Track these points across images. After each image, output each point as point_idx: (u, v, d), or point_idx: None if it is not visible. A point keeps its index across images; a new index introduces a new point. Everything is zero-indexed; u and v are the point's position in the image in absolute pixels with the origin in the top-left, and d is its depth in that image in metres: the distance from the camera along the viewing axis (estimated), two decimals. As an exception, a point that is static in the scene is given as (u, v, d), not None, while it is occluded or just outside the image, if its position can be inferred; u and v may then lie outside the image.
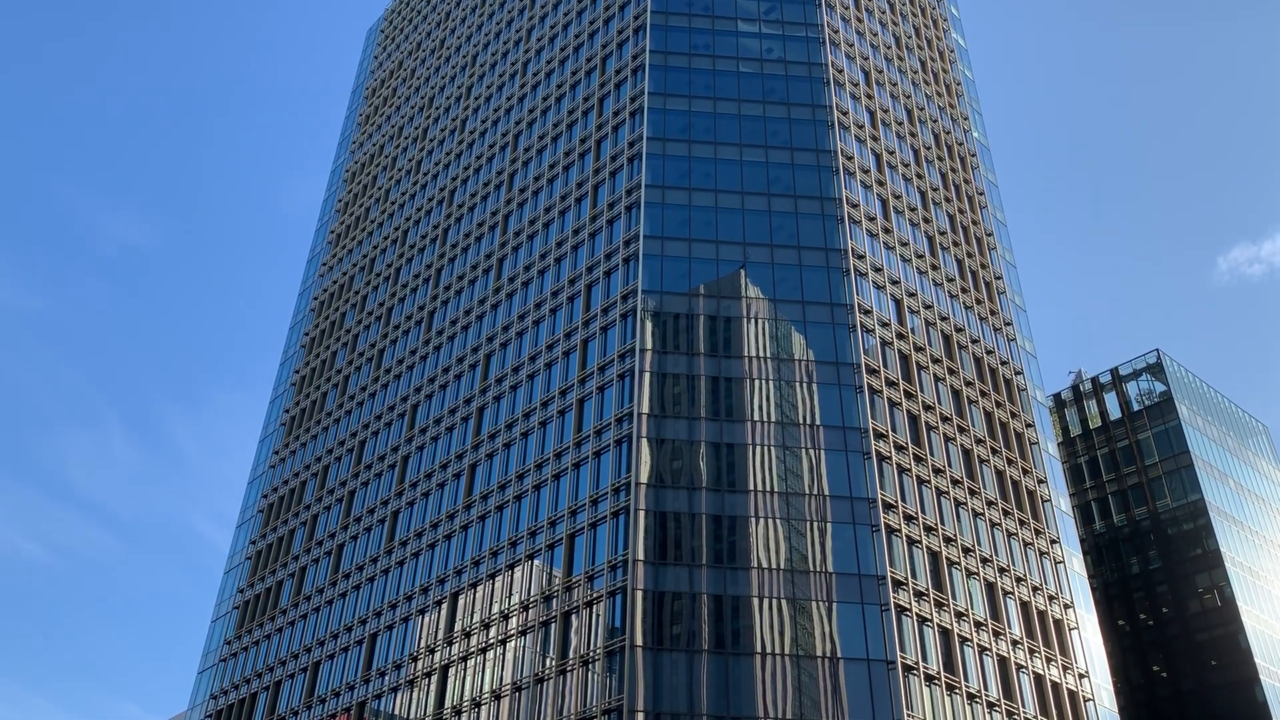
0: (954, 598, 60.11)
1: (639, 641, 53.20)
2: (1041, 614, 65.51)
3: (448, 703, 63.13)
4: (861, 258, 69.60)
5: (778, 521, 57.52)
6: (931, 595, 58.55)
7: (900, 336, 69.10)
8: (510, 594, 63.14)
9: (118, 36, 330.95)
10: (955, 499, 64.97)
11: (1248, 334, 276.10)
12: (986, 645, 60.30)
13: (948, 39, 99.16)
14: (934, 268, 76.83)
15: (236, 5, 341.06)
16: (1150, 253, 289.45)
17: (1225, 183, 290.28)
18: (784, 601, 54.95)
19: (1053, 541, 69.97)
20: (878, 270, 70.58)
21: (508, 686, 59.40)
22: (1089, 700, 64.15)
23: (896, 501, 60.09)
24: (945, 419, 68.43)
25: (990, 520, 66.47)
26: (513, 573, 63.84)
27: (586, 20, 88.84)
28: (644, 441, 59.73)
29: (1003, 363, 77.07)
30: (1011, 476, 70.53)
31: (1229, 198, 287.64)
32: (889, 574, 56.51)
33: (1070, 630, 66.68)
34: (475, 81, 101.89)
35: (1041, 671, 62.46)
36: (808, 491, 58.79)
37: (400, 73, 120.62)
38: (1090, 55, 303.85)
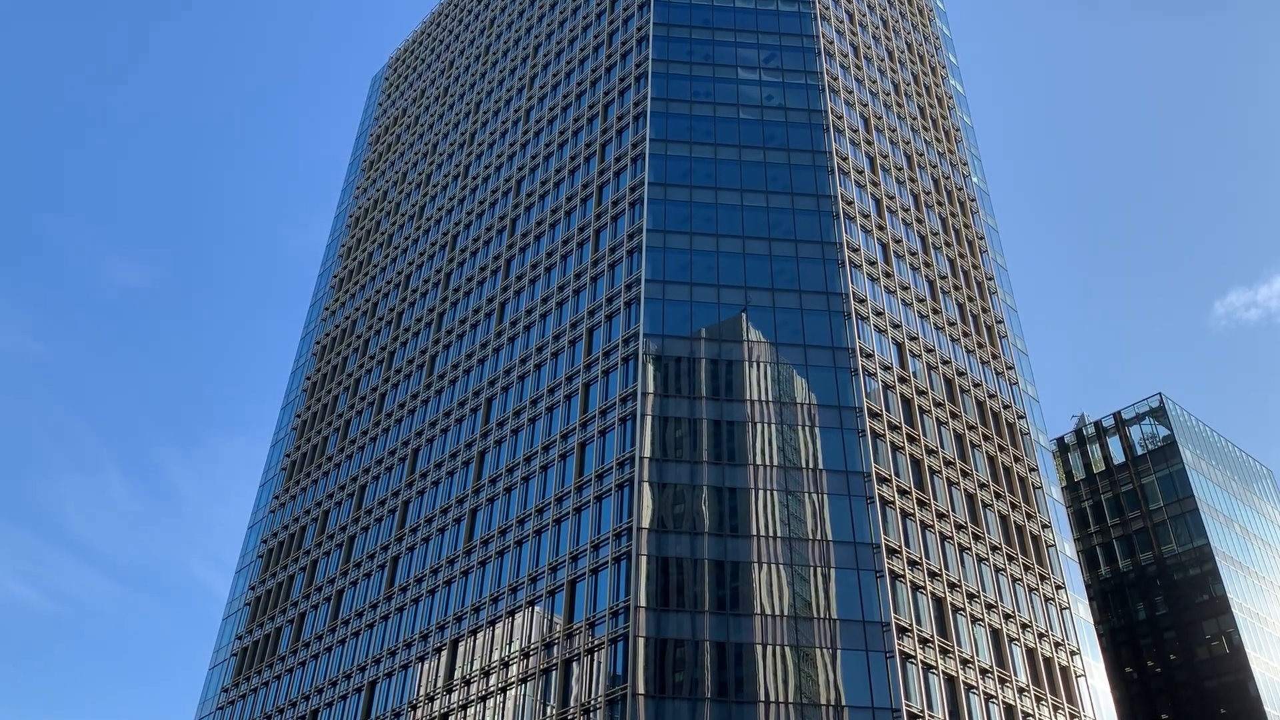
0: (959, 644, 59.44)
1: (641, 690, 52.53)
2: (1048, 661, 64.73)
3: (447, 752, 62.18)
4: (863, 301, 69.76)
5: (781, 567, 57.06)
6: (936, 642, 57.90)
7: (902, 380, 69.04)
8: (511, 641, 62.48)
9: (122, 80, 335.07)
10: (959, 544, 64.50)
11: (1246, 378, 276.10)
12: (992, 693, 59.51)
13: (946, 86, 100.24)
14: (935, 312, 76.96)
15: (241, 52, 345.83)
16: (1148, 297, 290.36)
17: (1220, 227, 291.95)
18: (787, 649, 54.34)
19: (1058, 587, 69.35)
20: (879, 314, 70.72)
21: (508, 735, 58.53)
22: (1098, 750, 63.15)
23: (900, 547, 59.65)
24: (948, 463, 68.15)
25: (995, 565, 65.93)
26: (513, 619, 63.24)
27: (589, 68, 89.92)
28: (646, 486, 59.45)
29: (1005, 407, 76.92)
30: (1015, 521, 70.09)
31: (1224, 242, 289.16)
32: (893, 621, 55.93)
33: (1077, 677, 65.84)
34: (478, 128, 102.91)
35: (1048, 719, 61.59)
36: (811, 536, 58.39)
37: (404, 119, 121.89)
38: (1086, 101, 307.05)
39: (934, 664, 56.86)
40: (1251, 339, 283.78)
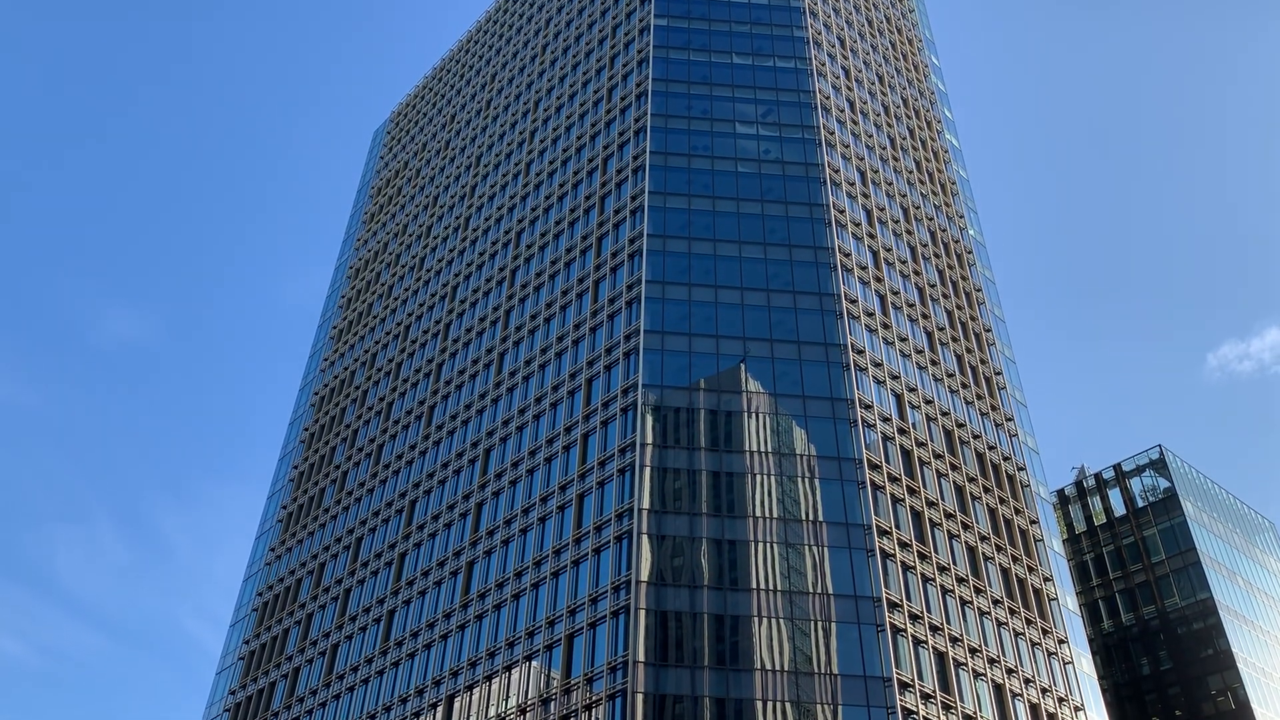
0: (961, 700, 58.62)
1: (639, 746, 51.64)
2: (1051, 716, 63.80)
3: (441, 811, 60.98)
4: (861, 353, 69.89)
5: (781, 621, 56.46)
6: (939, 698, 57.11)
7: (901, 431, 68.92)
8: (507, 697, 61.59)
9: (120, 131, 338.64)
10: (960, 597, 63.91)
11: (1241, 430, 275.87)
12: (997, 750, 58.56)
13: (942, 140, 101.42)
14: (933, 363, 77.08)
15: (243, 106, 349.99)
16: (1141, 349, 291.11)
17: (1212, 279, 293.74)
18: (788, 705, 53.56)
19: (1060, 641, 68.59)
20: (877, 365, 70.79)
21: (504, 794, 57.46)
22: (1105, 809, 61.98)
23: (901, 600, 59.09)
24: (949, 515, 67.78)
25: (997, 619, 65.26)
26: (510, 674, 62.39)
27: (589, 123, 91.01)
28: (645, 538, 59.03)
29: (1005, 458, 76.71)
30: (1017, 574, 69.53)
31: (1216, 294, 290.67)
32: (895, 676, 55.21)
33: (1083, 734, 64.85)
34: (479, 181, 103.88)
35: (1055, 778, 60.53)
36: (811, 590, 57.86)
37: (406, 172, 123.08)
38: (1080, 154, 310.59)
39: (937, 720, 56.02)
40: (1246, 391, 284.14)
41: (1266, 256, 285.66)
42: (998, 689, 61.72)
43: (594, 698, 55.68)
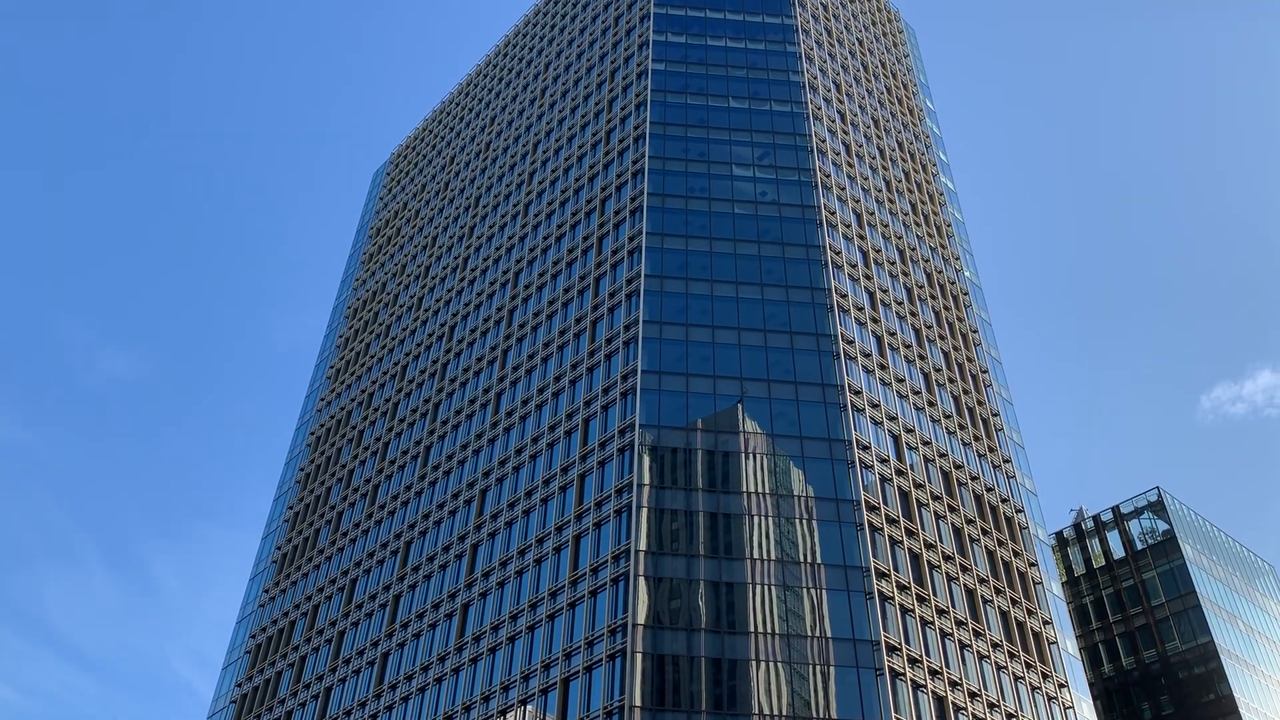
0: (963, 746, 57.89)
1: (636, 793, 50.88)
2: (1054, 764, 62.98)
3: None
4: (858, 393, 69.89)
5: (779, 665, 55.90)
6: (939, 743, 56.41)
7: (899, 473, 68.73)
8: (502, 741, 60.76)
9: (117, 170, 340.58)
10: (960, 641, 63.37)
11: (1236, 473, 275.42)
12: (998, 798, 57.74)
13: (937, 183, 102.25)
14: (930, 404, 77.07)
15: (240, 147, 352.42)
16: (1135, 391, 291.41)
17: (1204, 321, 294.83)
18: (786, 750, 52.85)
19: (1061, 685, 67.92)
20: (875, 406, 70.77)
21: (497, 842, 56.49)
22: None
23: (900, 644, 58.57)
24: (947, 558, 67.40)
25: (996, 663, 64.67)
26: (505, 718, 61.61)
27: (587, 165, 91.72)
28: (642, 580, 58.60)
29: (1003, 500, 76.45)
30: (1016, 618, 69.01)
31: (1209, 336, 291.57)
32: (895, 720, 54.58)
33: (1085, 781, 64.01)
34: (478, 221, 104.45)
35: (1057, 826, 59.63)
36: (810, 633, 57.36)
37: (405, 213, 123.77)
38: (1073, 196, 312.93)
39: (937, 766, 55.28)
40: (1240, 433, 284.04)
41: (1258, 298, 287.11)
42: (998, 734, 60.99)
43: (590, 743, 54.92)
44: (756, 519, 61.75)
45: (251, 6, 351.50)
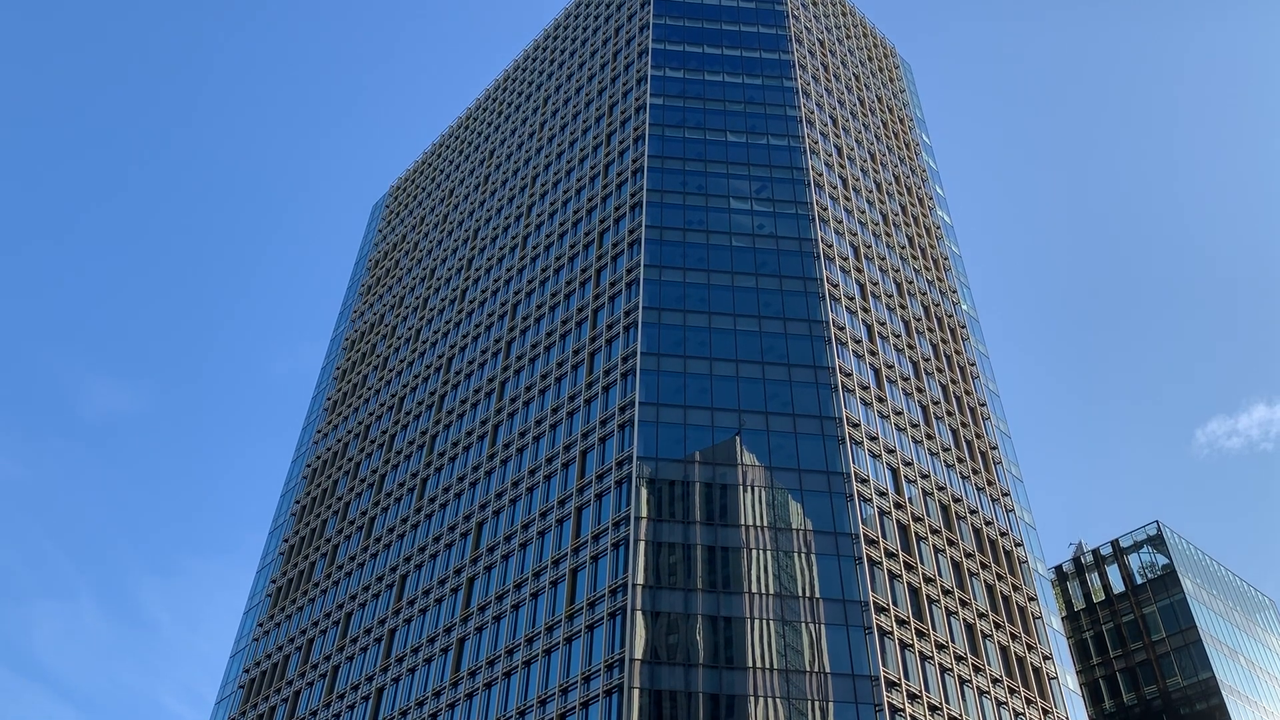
0: (964, 784, 57.21)
1: (633, 831, 50.16)
2: (1056, 802, 62.24)
3: None
4: (856, 426, 69.77)
5: (778, 701, 55.35)
6: (940, 781, 55.76)
7: (898, 506, 68.47)
8: (497, 778, 60.00)
9: (112, 200, 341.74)
10: (960, 676, 62.83)
11: (1232, 507, 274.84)
12: (1000, 836, 56.99)
13: (934, 216, 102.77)
14: (929, 437, 76.94)
15: (237, 181, 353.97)
16: (1131, 425, 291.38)
17: (1199, 355, 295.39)
18: (785, 787, 52.20)
19: (1063, 722, 67.29)
20: (873, 439, 70.63)
21: None
22: None
23: (900, 679, 58.06)
24: (946, 592, 66.99)
25: (996, 699, 64.08)
26: (500, 755, 60.88)
27: (585, 198, 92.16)
28: (639, 614, 58.16)
29: (1002, 534, 76.13)
30: (1016, 652, 68.47)
31: (1203, 370, 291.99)
32: (895, 757, 53.95)
33: (1087, 820, 63.22)
34: (476, 254, 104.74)
35: None
36: (808, 668, 56.85)
37: (404, 245, 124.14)
38: (1070, 228, 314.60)
39: (938, 805, 54.58)
40: (1235, 468, 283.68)
41: (1252, 333, 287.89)
42: (999, 772, 60.30)
43: (586, 780, 54.24)
44: (755, 552, 61.41)
45: (252, 39, 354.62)
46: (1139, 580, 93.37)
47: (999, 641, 67.75)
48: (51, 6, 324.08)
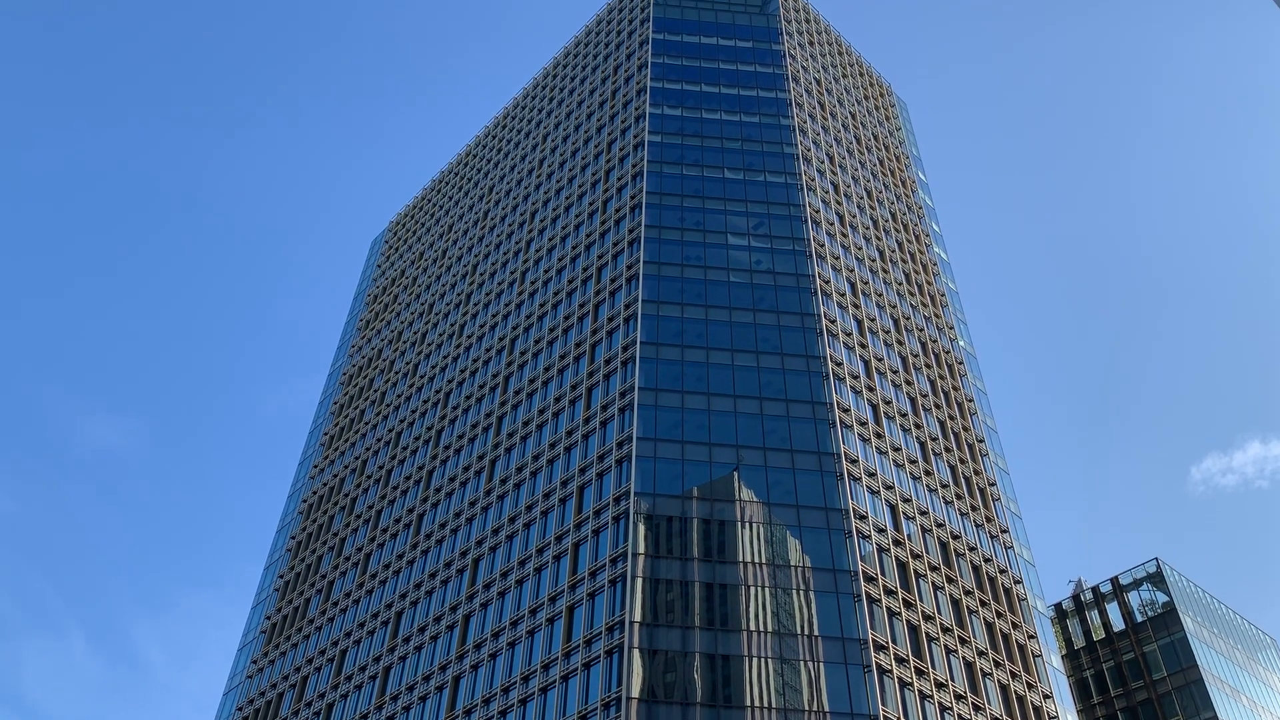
0: (965, 825, 56.46)
1: None
2: (1058, 844, 61.41)
3: None
4: (855, 462, 69.61)
5: (776, 739, 54.72)
6: (941, 823, 55.03)
7: (897, 543, 68.16)
8: (492, 819, 59.15)
9: (108, 235, 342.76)
10: (960, 715, 62.21)
11: (1229, 545, 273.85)
12: None
13: (930, 253, 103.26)
14: (927, 473, 76.76)
15: (235, 214, 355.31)
16: (1126, 462, 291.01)
17: (1194, 392, 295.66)
18: (784, 829, 51.49)
19: (1065, 763, 66.54)
20: (871, 475, 70.46)
21: None
22: None
23: (899, 718, 57.46)
24: (946, 630, 66.52)
25: (998, 739, 63.41)
26: (496, 795, 60.09)
27: (584, 233, 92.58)
28: (636, 652, 57.66)
29: (1001, 571, 75.73)
30: (1016, 691, 67.87)
31: (1198, 407, 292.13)
32: (895, 798, 53.27)
33: None
34: (475, 288, 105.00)
35: None
36: (807, 707, 56.29)
37: (403, 280, 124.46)
38: (1064, 266, 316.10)
39: (939, 847, 53.84)
40: (1231, 505, 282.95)
41: (1246, 370, 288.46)
42: (1001, 813, 59.53)
43: (582, 821, 53.49)
44: (753, 589, 61.03)
45: (251, 73, 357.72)
46: (1139, 618, 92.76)
47: (999, 680, 67.18)
48: (60, 46, 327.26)
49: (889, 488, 71.27)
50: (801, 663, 58.12)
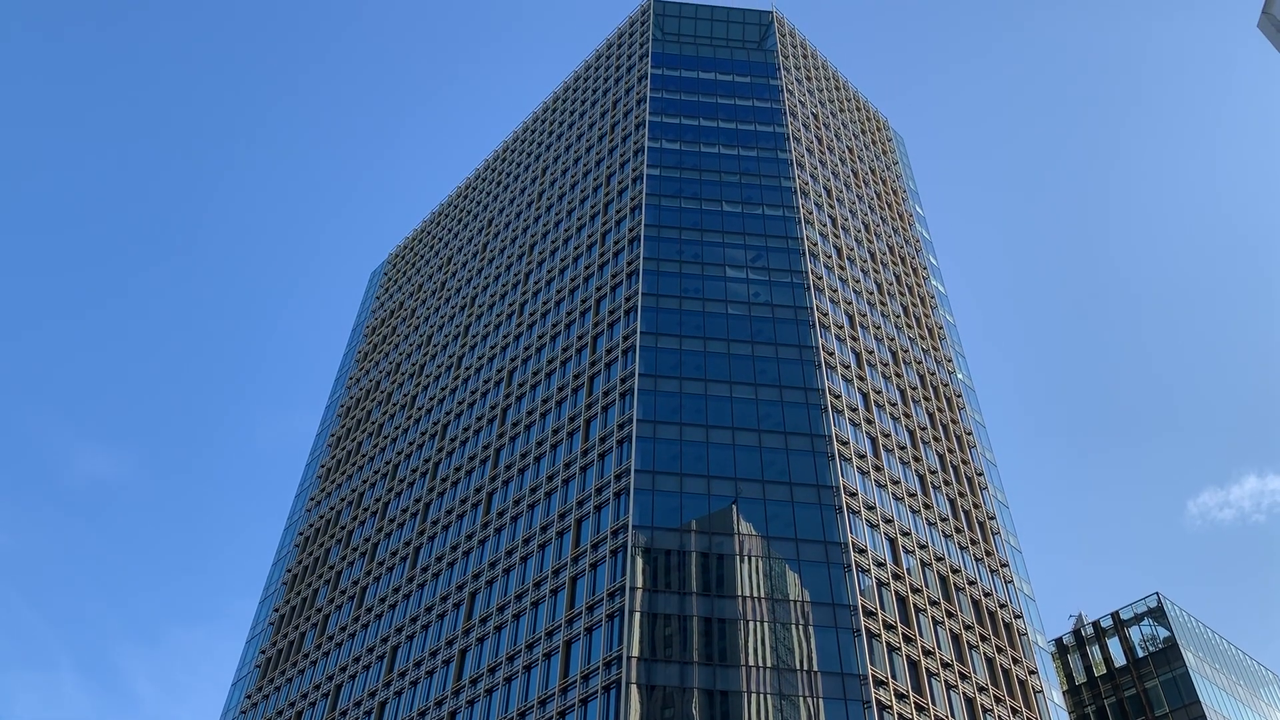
0: None
1: None
2: None
3: None
4: (854, 495, 69.34)
5: (775, 777, 54.05)
6: None
7: (896, 577, 67.73)
8: None
9: (102, 265, 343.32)
10: (962, 753, 61.50)
11: (1227, 580, 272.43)
12: None
13: (928, 286, 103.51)
14: (926, 507, 76.45)
15: (232, 247, 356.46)
16: (1123, 496, 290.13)
17: (1190, 426, 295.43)
18: None
19: (1068, 801, 65.73)
20: (870, 508, 70.16)
21: None
22: None
23: (900, 755, 56.81)
24: (946, 665, 65.95)
25: (1000, 777, 62.67)
26: (491, 834, 59.23)
27: (582, 266, 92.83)
28: (634, 688, 57.10)
29: (1001, 605, 75.22)
30: (1019, 728, 67.16)
31: (1194, 442, 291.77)
32: (896, 838, 52.52)
33: None
34: (473, 320, 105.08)
35: None
36: (806, 743, 55.62)
37: (401, 312, 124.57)
38: (1062, 296, 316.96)
39: None
40: (1228, 540, 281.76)
41: (1242, 404, 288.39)
42: None
43: None
44: (752, 624, 60.55)
45: (251, 106, 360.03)
46: (1140, 653, 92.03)
47: (1000, 716, 66.52)
48: (62, 77, 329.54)
49: (888, 521, 70.94)
50: (801, 698, 57.54)
